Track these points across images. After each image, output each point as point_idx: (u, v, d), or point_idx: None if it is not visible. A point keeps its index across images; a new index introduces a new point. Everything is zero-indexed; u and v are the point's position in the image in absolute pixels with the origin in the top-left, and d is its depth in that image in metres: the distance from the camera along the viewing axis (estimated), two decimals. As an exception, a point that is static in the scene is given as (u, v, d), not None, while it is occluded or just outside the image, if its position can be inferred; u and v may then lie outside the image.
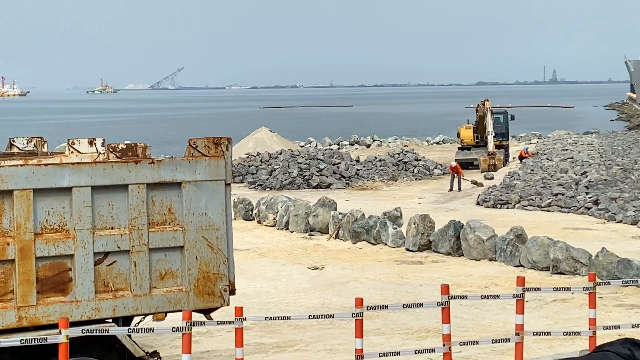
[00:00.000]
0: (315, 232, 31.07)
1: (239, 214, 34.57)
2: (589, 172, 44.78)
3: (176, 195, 12.69)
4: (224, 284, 12.95)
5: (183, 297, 12.69)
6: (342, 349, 16.67)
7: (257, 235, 31.59)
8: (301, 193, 43.80)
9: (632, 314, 18.73)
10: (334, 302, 21.01)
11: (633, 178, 42.18)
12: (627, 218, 31.85)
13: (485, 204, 37.76)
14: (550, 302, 20.38)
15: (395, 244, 28.10)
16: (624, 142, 67.75)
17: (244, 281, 21.76)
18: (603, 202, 34.72)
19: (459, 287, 21.78)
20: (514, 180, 43.62)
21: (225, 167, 13.00)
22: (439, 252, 26.90)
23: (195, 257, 12.73)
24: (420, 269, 25.09)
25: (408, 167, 53.65)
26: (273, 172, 49.52)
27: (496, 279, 23.21)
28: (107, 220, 12.30)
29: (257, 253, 27.97)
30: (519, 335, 13.83)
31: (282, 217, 32.62)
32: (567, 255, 23.62)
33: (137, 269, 12.40)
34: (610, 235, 29.43)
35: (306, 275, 24.57)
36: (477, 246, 26.04)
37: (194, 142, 13.02)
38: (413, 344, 16.88)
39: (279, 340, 17.77)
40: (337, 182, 47.92)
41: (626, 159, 51.68)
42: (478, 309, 19.77)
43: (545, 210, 35.50)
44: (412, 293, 21.79)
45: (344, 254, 27.64)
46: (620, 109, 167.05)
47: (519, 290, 13.89)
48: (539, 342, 16.38)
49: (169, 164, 12.68)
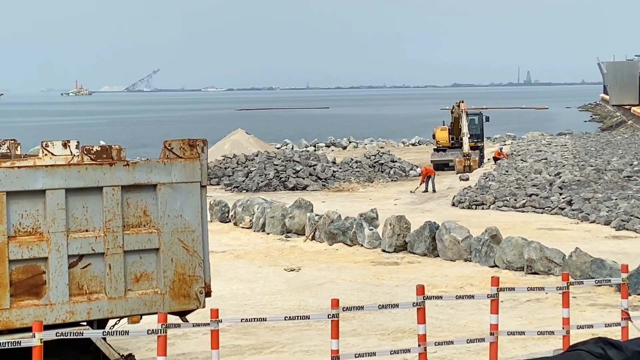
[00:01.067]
0: (291, 234, 31.08)
1: (215, 216, 34.51)
2: (563, 172, 45.06)
3: (151, 197, 12.67)
4: (200, 286, 12.95)
5: (158, 299, 12.67)
6: (318, 350, 16.69)
7: (233, 237, 31.55)
8: (277, 195, 43.79)
9: (605, 314, 18.86)
10: (310, 304, 21.03)
11: (606, 179, 42.48)
12: (600, 218, 32.08)
13: (461, 204, 37.92)
14: (524, 302, 20.49)
15: (372, 245, 28.16)
16: (597, 143, 68.22)
17: (220, 283, 21.73)
18: (576, 202, 34.96)
19: (435, 288, 21.85)
20: (489, 181, 43.82)
21: (200, 169, 13.00)
22: (415, 253, 26.99)
23: (170, 259, 12.72)
24: (396, 269, 25.15)
25: (384, 169, 53.78)
26: (249, 174, 49.48)
27: (471, 279, 23.31)
28: (81, 223, 12.26)
29: (233, 255, 27.94)
30: (493, 335, 13.90)
31: (259, 219, 32.60)
32: (541, 256, 23.76)
33: (112, 272, 12.37)
34: (583, 235, 29.63)
35: (282, 276, 24.57)
36: (452, 247, 26.14)
37: (169, 144, 13.01)
38: (389, 344, 16.92)
39: (255, 342, 17.76)
40: (313, 184, 47.95)
41: (599, 159, 52.05)
42: (453, 309, 19.85)
43: (519, 211, 35.70)
44: (388, 294, 21.84)
45: (320, 255, 27.67)
46: (594, 110, 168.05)
47: (494, 290, 13.97)
48: (514, 342, 16.47)
49: (144, 166, 12.66)
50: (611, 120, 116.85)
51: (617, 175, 43.57)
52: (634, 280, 20.59)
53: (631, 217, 31.13)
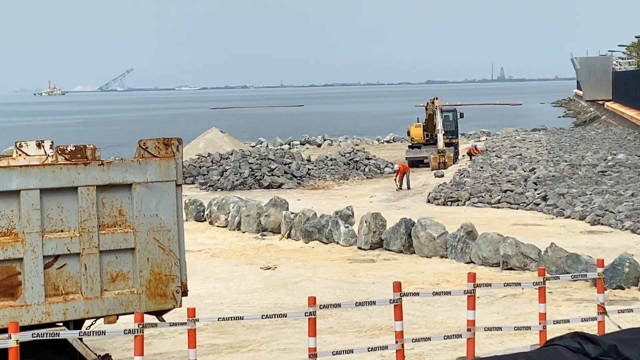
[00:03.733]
0: (267, 232, 31.05)
1: (190, 215, 34.42)
2: (537, 168, 45.26)
3: (127, 196, 12.62)
4: (176, 285, 12.91)
5: (135, 299, 12.61)
6: (295, 348, 16.68)
7: (209, 236, 31.48)
8: (253, 193, 43.73)
9: (581, 308, 18.96)
10: (286, 302, 21.01)
11: (580, 174, 42.72)
12: (575, 213, 32.26)
13: (436, 201, 38.02)
14: (500, 297, 20.57)
15: (347, 243, 28.18)
16: (571, 139, 68.59)
17: (196, 282, 21.67)
18: (551, 197, 35.15)
19: (411, 285, 21.90)
20: (464, 177, 43.95)
21: (176, 168, 12.95)
22: (391, 250, 27.03)
23: (146, 258, 12.67)
24: (372, 267, 25.18)
25: (359, 166, 53.83)
26: (224, 172, 49.36)
27: (447, 275, 23.38)
28: (56, 223, 12.19)
29: (209, 254, 27.88)
30: (470, 331, 13.95)
31: (234, 217, 32.54)
32: (517, 251, 23.86)
33: (88, 272, 12.30)
34: (558, 230, 29.79)
35: (259, 275, 24.54)
36: (428, 243, 26.20)
37: (144, 143, 12.95)
38: (366, 341, 16.93)
39: (232, 341, 17.73)
40: (288, 182, 47.91)
41: (573, 155, 52.33)
42: (430, 306, 19.89)
43: (494, 207, 35.84)
44: (365, 291, 21.86)
45: (296, 253, 27.66)
46: (567, 105, 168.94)
47: (470, 286, 14.02)
48: (491, 338, 16.53)
49: (119, 166, 12.60)
50: (585, 115, 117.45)
51: (592, 170, 43.83)
52: (610, 275, 20.73)
53: (606, 212, 31.33)
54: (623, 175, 41.40)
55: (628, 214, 30.38)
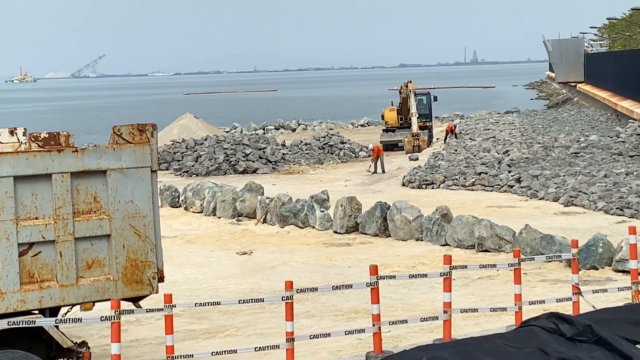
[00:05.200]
0: (242, 218, 31.02)
1: (165, 201, 34.32)
2: (511, 150, 45.47)
3: (101, 183, 12.56)
4: (153, 271, 12.87)
5: (111, 285, 12.57)
6: (272, 332, 16.71)
7: (184, 222, 31.42)
8: (228, 179, 43.65)
9: (556, 289, 19.10)
10: (263, 287, 21.03)
11: (554, 155, 42.97)
12: (549, 195, 32.45)
13: (411, 184, 38.12)
14: (476, 279, 20.68)
15: (323, 227, 28.21)
16: (544, 121, 68.91)
17: (172, 268, 21.63)
18: (525, 179, 35.33)
19: (387, 268, 21.95)
20: (438, 160, 44.08)
21: (150, 154, 12.90)
22: (367, 233, 27.08)
23: (122, 245, 12.62)
24: (348, 250, 25.23)
25: (334, 150, 53.87)
26: (199, 158, 49.26)
27: (423, 258, 23.46)
28: (31, 211, 12.11)
29: (184, 240, 27.83)
30: (446, 313, 14.02)
31: (209, 203, 32.49)
32: (492, 233, 23.98)
33: (63, 259, 12.24)
34: (533, 212, 29.95)
35: (235, 260, 24.54)
36: (403, 227, 26.27)
37: (118, 129, 12.88)
38: (343, 325, 16.99)
39: (209, 326, 17.74)
40: (263, 167, 47.88)
41: (546, 137, 52.59)
42: (406, 289, 19.96)
43: (469, 190, 35.98)
44: (341, 275, 21.91)
45: (272, 238, 27.66)
46: (540, 88, 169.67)
47: (446, 268, 14.08)
48: (467, 319, 16.62)
49: (93, 152, 12.53)
50: (557, 97, 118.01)
51: (565, 152, 44.09)
52: (584, 255, 20.88)
53: (579, 193, 31.54)
54: (596, 157, 41.69)
55: (601, 195, 30.60)
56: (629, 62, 71.94)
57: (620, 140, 47.65)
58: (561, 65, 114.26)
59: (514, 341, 11.26)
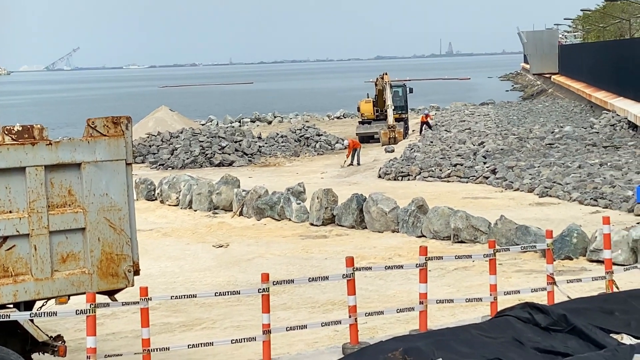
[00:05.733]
0: (219, 210, 30.98)
1: (141, 194, 34.21)
2: (486, 142, 45.64)
3: (76, 176, 12.50)
4: (128, 264, 12.83)
5: (86, 279, 12.52)
6: (249, 325, 16.71)
7: (160, 215, 31.33)
8: (204, 171, 43.56)
9: (531, 279, 19.21)
10: (239, 279, 21.02)
11: (528, 147, 43.18)
12: (524, 186, 32.62)
13: (387, 176, 38.20)
14: (452, 270, 20.76)
15: (299, 219, 28.22)
16: (519, 112, 69.18)
17: (148, 261, 21.58)
18: (500, 171, 35.49)
19: (363, 259, 22.00)
20: (414, 152, 44.18)
21: (125, 147, 12.84)
22: (343, 225, 27.12)
23: (97, 238, 12.57)
24: (324, 242, 25.26)
25: (310, 143, 53.85)
26: (174, 151, 49.11)
27: (399, 249, 23.53)
28: (4, 204, 12.03)
29: (160, 233, 27.76)
30: (422, 304, 14.05)
31: (185, 196, 32.42)
32: (467, 224, 24.07)
33: (38, 253, 12.18)
34: (508, 203, 30.09)
35: (211, 253, 24.51)
36: (379, 218, 26.33)
37: (92, 122, 12.82)
38: (319, 317, 17.02)
39: (185, 319, 17.71)
40: (239, 160, 47.81)
41: (521, 128, 52.81)
42: (382, 280, 20.02)
43: (445, 181, 36.10)
44: (318, 267, 21.94)
45: (248, 230, 27.65)
46: (515, 79, 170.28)
47: (422, 259, 14.11)
48: (442, 310, 16.69)
49: (67, 145, 12.46)
50: (532, 89, 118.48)
51: (539, 143, 44.32)
52: (558, 246, 21.01)
53: (554, 183, 31.72)
54: (570, 148, 41.94)
55: (575, 186, 30.79)
56: (603, 54, 72.34)
57: (595, 131, 47.96)
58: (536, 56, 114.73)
59: (489, 331, 11.33)
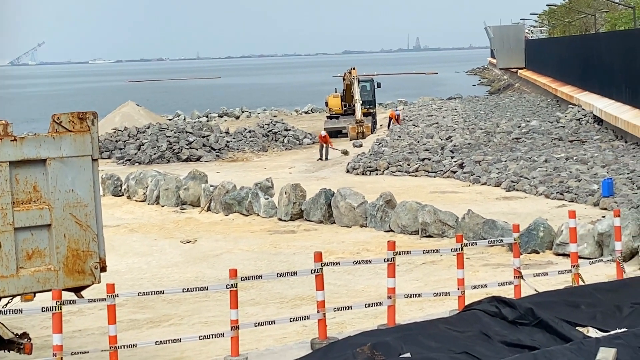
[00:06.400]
0: (186, 206, 30.86)
1: (107, 190, 34.00)
2: (454, 136, 45.82)
3: (41, 172, 12.39)
4: (95, 261, 12.75)
5: (52, 276, 12.42)
6: (217, 320, 16.67)
7: (127, 211, 31.16)
8: (171, 167, 43.40)
9: (498, 273, 19.30)
10: (207, 275, 20.96)
11: (495, 141, 43.40)
12: (491, 180, 32.78)
13: (355, 171, 38.24)
14: (420, 264, 20.82)
15: (268, 214, 28.18)
16: (486, 107, 69.49)
17: (115, 258, 21.46)
18: (468, 165, 35.65)
19: (332, 254, 22.02)
20: (382, 147, 44.27)
21: (91, 142, 12.75)
22: (311, 220, 27.12)
23: (63, 235, 12.48)
24: (293, 238, 25.25)
25: (278, 138, 53.79)
26: (141, 146, 48.86)
27: (367, 244, 23.56)
28: (-31, 201, 11.91)
29: (127, 229, 27.61)
30: (390, 299, 14.08)
31: (152, 191, 32.25)
32: (435, 219, 24.15)
33: (3, 250, 12.06)
34: (475, 197, 30.23)
35: (179, 249, 24.41)
36: (348, 213, 26.35)
37: (57, 117, 12.71)
38: (288, 312, 17.00)
39: (152, 316, 17.63)
40: (207, 155, 47.66)
41: (488, 122, 53.05)
42: (351, 275, 20.04)
43: (413, 176, 36.19)
44: (286, 262, 21.92)
45: (216, 226, 27.57)
46: (482, 74, 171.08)
47: (390, 254, 14.14)
48: (411, 304, 16.73)
49: (32, 141, 12.36)
50: (499, 83, 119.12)
51: (506, 137, 44.56)
52: (525, 240, 21.14)
53: (520, 177, 31.91)
54: (536, 142, 42.21)
55: (542, 180, 30.99)
56: (569, 48, 72.82)
57: (561, 125, 48.32)
58: (502, 51, 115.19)
59: (457, 325, 11.39)
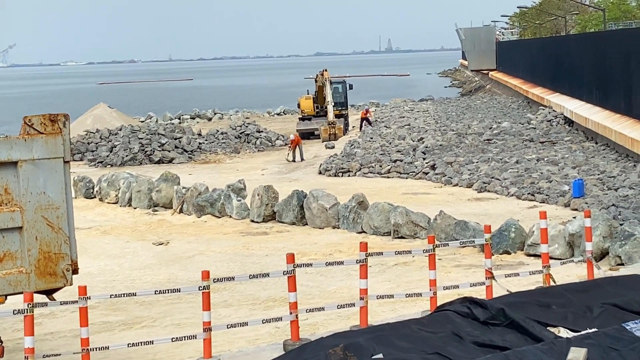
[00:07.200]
0: (159, 208, 30.78)
1: (79, 192, 33.85)
2: (426, 138, 45.97)
3: (12, 174, 12.35)
4: (66, 263, 12.72)
5: (24, 278, 12.38)
6: (189, 322, 16.65)
7: (99, 213, 31.04)
8: (143, 169, 43.25)
9: (470, 274, 19.40)
10: (180, 277, 20.92)
11: (467, 142, 43.60)
12: (463, 181, 32.93)
13: (327, 172, 38.29)
14: (392, 265, 20.89)
15: (240, 216, 28.16)
16: (458, 108, 69.78)
17: (87, 260, 21.38)
18: (439, 166, 35.79)
19: (304, 256, 22.04)
20: (354, 148, 44.35)
21: (63, 145, 12.73)
22: (284, 222, 27.13)
23: (35, 237, 12.44)
24: (265, 239, 25.25)
25: (250, 139, 53.75)
26: (113, 148, 48.67)
27: (340, 245, 23.61)
28: (-61, 204, 11.85)
29: (99, 231, 27.51)
30: (363, 300, 14.11)
31: (125, 193, 32.15)
32: (407, 220, 24.23)
33: (-26, 253, 12.01)
34: (447, 198, 30.35)
35: (151, 251, 24.35)
36: (320, 215, 26.39)
37: (29, 119, 12.67)
38: (261, 313, 17.01)
39: (125, 318, 17.58)
40: (179, 157, 47.55)
41: (460, 124, 53.28)
42: (323, 276, 20.08)
43: (385, 177, 36.29)
44: (259, 264, 21.92)
45: (188, 228, 27.52)
46: (453, 75, 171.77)
47: (362, 255, 14.17)
48: (383, 305, 16.79)
49: (3, 143, 12.31)
50: (470, 85, 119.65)
51: (478, 138, 44.77)
52: (497, 240, 21.26)
53: (492, 179, 32.09)
54: (508, 143, 42.45)
55: (513, 181, 31.18)
56: (539, 50, 73.28)
57: (532, 127, 48.60)
58: (473, 53, 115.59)
59: (429, 326, 11.43)
